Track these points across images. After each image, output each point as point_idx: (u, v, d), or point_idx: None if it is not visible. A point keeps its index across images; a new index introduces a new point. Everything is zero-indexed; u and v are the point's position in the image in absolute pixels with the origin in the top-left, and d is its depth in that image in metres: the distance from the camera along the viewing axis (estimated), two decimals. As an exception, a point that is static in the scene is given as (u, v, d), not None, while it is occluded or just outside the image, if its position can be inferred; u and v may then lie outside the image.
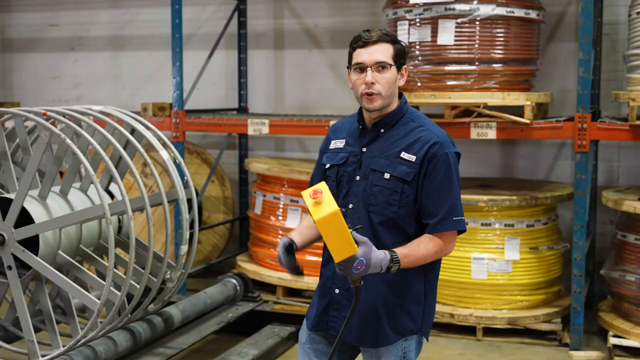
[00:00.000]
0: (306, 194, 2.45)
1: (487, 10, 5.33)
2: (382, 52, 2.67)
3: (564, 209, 6.31)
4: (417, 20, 5.46)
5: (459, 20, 5.36)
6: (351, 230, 2.48)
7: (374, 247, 2.51)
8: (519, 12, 5.43)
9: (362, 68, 2.68)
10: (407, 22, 5.51)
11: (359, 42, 2.69)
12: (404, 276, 2.70)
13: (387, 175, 2.68)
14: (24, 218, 3.97)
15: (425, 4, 5.40)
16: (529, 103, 5.25)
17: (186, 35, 7.19)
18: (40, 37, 8.19)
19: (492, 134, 5.35)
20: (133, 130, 4.30)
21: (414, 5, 5.43)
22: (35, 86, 8.26)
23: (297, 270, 2.67)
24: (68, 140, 3.81)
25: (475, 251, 5.49)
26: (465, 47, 5.40)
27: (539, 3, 5.67)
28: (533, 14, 5.52)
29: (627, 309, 5.25)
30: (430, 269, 2.79)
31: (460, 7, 5.34)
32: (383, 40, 2.69)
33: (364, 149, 2.76)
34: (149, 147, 6.00)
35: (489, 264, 5.45)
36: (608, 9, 6.23)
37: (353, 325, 2.73)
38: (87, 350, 3.88)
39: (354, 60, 2.70)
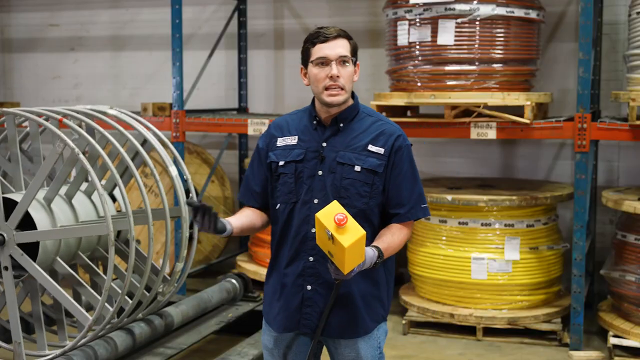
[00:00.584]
0: (327, 218, 2.47)
1: (487, 10, 5.33)
2: (343, 46, 2.73)
3: (564, 209, 6.31)
4: (417, 20, 5.46)
5: (459, 20, 5.36)
6: None
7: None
8: (519, 12, 5.43)
9: (324, 62, 2.72)
10: (407, 22, 5.51)
11: (320, 37, 2.73)
12: None
13: (357, 168, 2.74)
14: (27, 217, 3.97)
15: (425, 4, 5.40)
16: (529, 103, 5.25)
17: (186, 35, 7.19)
18: (40, 37, 8.19)
19: (492, 134, 5.35)
20: (145, 141, 4.31)
21: (414, 5, 5.43)
22: (35, 86, 8.26)
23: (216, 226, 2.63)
24: (81, 156, 3.78)
25: (475, 251, 5.49)
26: (465, 47, 5.40)
27: (539, 3, 5.67)
28: (533, 14, 5.52)
29: (627, 309, 5.25)
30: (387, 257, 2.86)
31: (460, 7, 5.34)
32: (342, 35, 2.75)
33: (324, 144, 2.79)
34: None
35: (489, 264, 5.45)
36: (608, 9, 6.23)
37: (332, 320, 2.76)
38: (87, 350, 3.88)
39: (316, 55, 2.72)
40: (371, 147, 2.75)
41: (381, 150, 2.75)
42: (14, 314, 3.99)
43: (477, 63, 5.42)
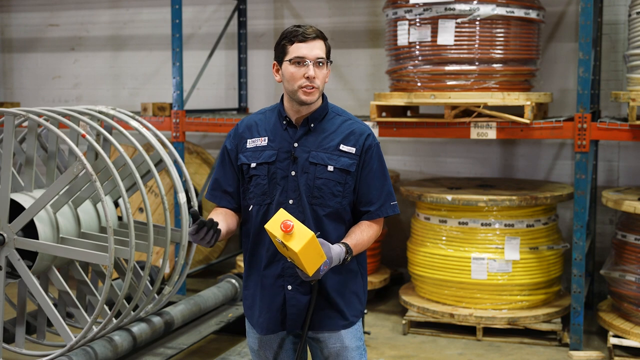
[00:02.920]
0: (274, 227, 2.51)
1: (487, 10, 5.33)
2: (321, 48, 2.74)
3: (564, 209, 6.31)
4: (417, 20, 5.46)
5: (459, 20, 5.36)
6: None
7: (330, 245, 2.63)
8: (519, 12, 5.43)
9: (300, 62, 2.71)
10: (407, 22, 5.51)
11: (299, 36, 2.72)
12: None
13: (330, 168, 2.76)
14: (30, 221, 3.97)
15: (425, 4, 5.40)
16: (529, 103, 5.25)
17: (186, 35, 7.19)
18: (40, 37, 8.19)
19: (492, 134, 5.35)
20: (160, 161, 4.32)
21: (414, 5, 5.43)
22: (35, 86, 8.26)
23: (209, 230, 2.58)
24: (95, 178, 3.79)
25: (475, 251, 5.49)
26: (465, 47, 5.40)
27: (539, 3, 5.67)
28: (533, 14, 5.52)
29: (627, 309, 5.25)
30: (359, 253, 2.88)
31: (460, 7, 5.34)
32: (320, 37, 2.76)
33: (296, 144, 2.79)
34: (149, 147, 6.01)
35: (489, 264, 5.45)
36: (608, 9, 6.23)
37: (314, 317, 2.80)
38: (87, 350, 3.88)
39: (294, 54, 2.72)
40: (343, 147, 2.78)
41: (352, 150, 2.78)
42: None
43: (477, 63, 5.42)
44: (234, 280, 5.29)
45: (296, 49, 2.72)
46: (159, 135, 4.50)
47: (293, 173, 2.77)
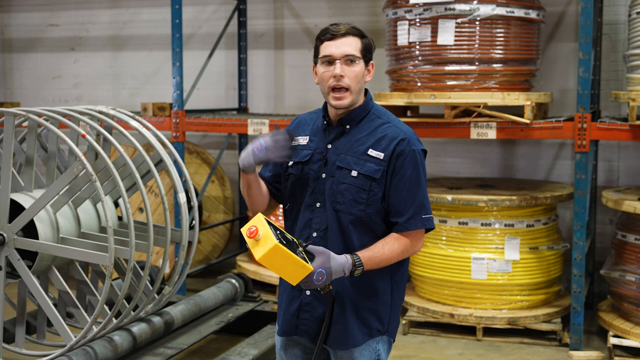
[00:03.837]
0: (244, 231, 2.43)
1: (487, 10, 5.33)
2: (351, 45, 2.62)
3: (564, 209, 6.31)
4: (417, 20, 5.46)
5: (459, 20, 5.36)
6: (304, 245, 2.49)
7: (332, 254, 2.50)
8: (519, 12, 5.43)
9: (330, 61, 2.63)
10: (407, 22, 5.51)
11: (327, 34, 2.63)
12: (369, 276, 2.65)
13: (354, 173, 2.62)
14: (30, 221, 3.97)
15: (425, 4, 5.40)
16: (529, 103, 5.25)
17: (186, 35, 7.19)
18: (40, 37, 8.19)
19: (492, 134, 5.35)
20: (160, 161, 4.32)
21: (414, 5, 5.43)
22: (35, 86, 8.26)
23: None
24: (95, 178, 3.79)
25: (475, 251, 5.49)
26: (465, 47, 5.40)
27: (539, 3, 5.67)
28: (533, 14, 5.52)
29: (627, 309, 5.25)
30: (396, 269, 2.74)
31: (460, 7, 5.34)
32: (351, 33, 2.64)
33: (329, 146, 2.70)
34: (149, 147, 6.01)
35: (489, 264, 5.45)
36: (608, 9, 6.23)
37: (331, 330, 2.69)
38: (87, 350, 3.88)
39: (322, 53, 2.64)
40: (371, 152, 2.63)
41: (380, 155, 2.62)
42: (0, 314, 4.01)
43: (477, 63, 5.42)
44: (234, 280, 5.28)
45: (324, 48, 2.64)
46: (159, 135, 4.50)
47: (323, 175, 2.68)
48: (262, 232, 2.39)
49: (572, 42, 6.31)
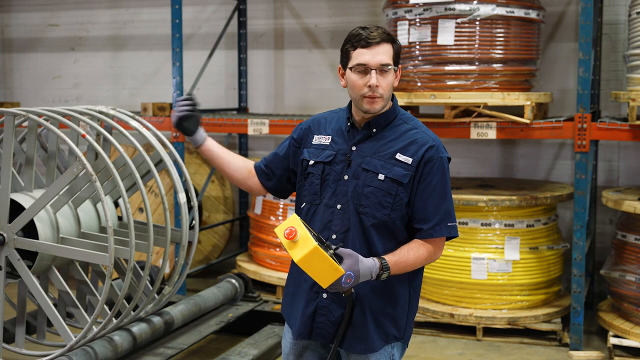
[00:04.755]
0: (280, 232, 2.42)
1: (487, 10, 5.33)
2: (385, 53, 2.59)
3: (564, 209, 6.31)
4: (417, 20, 5.46)
5: (458, 20, 5.36)
6: (334, 249, 2.47)
7: (360, 257, 2.49)
8: (519, 12, 5.43)
9: (364, 70, 2.59)
10: (407, 22, 5.51)
11: (362, 41, 2.58)
12: (389, 283, 2.64)
13: (381, 177, 2.61)
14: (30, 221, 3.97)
15: (425, 4, 5.40)
16: (529, 103, 5.25)
17: (186, 35, 7.19)
18: (40, 37, 8.19)
19: (492, 134, 5.35)
20: (160, 161, 4.32)
21: (414, 5, 5.43)
22: (35, 86, 8.26)
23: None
24: (95, 179, 3.79)
25: (475, 251, 5.49)
26: (465, 47, 5.40)
27: (539, 3, 5.67)
28: (533, 14, 5.52)
29: (627, 309, 5.26)
30: (414, 275, 2.74)
31: (460, 7, 5.34)
32: (385, 40, 2.60)
33: (354, 148, 2.67)
34: (149, 147, 6.01)
35: (489, 264, 5.45)
36: (608, 9, 6.23)
37: (346, 333, 2.67)
38: (87, 350, 3.88)
39: (356, 61, 2.59)
40: (399, 156, 2.61)
41: (409, 160, 2.60)
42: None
43: (477, 63, 5.42)
44: (234, 281, 5.29)
45: (358, 55, 2.58)
46: (159, 135, 4.49)
47: (346, 177, 2.66)
48: (300, 234, 2.39)
49: (572, 42, 6.31)
